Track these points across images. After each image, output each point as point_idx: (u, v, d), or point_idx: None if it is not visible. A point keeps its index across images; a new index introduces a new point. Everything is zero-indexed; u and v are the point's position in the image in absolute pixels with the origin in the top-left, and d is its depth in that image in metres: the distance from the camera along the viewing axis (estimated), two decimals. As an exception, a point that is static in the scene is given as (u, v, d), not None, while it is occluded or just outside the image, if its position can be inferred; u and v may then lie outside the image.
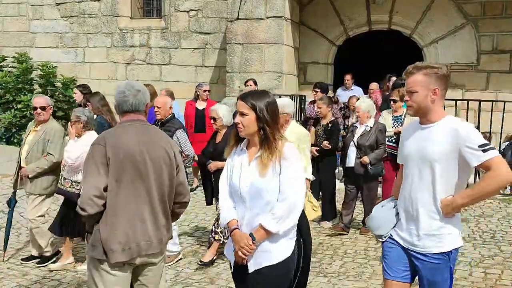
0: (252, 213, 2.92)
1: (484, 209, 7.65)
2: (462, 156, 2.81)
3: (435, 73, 2.92)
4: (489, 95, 9.83)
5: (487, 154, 2.74)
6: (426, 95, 2.91)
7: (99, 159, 3.00)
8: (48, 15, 12.73)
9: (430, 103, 2.93)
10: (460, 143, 2.80)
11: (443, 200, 2.90)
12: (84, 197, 2.97)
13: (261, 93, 2.98)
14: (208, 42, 11.56)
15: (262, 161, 2.86)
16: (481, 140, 2.78)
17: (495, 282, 5.09)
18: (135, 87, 3.23)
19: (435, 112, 2.95)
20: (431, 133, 2.94)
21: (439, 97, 2.94)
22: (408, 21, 10.53)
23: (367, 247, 6.11)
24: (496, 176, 2.73)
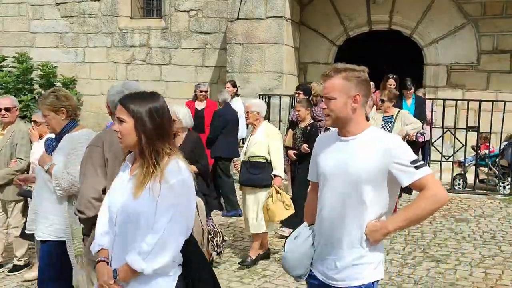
0: (121, 243, 2.40)
1: (485, 209, 7.65)
2: (392, 174, 2.43)
3: (356, 77, 2.51)
4: (490, 95, 9.83)
5: (420, 171, 2.39)
6: (346, 102, 2.48)
7: (97, 160, 2.97)
8: (48, 15, 12.72)
9: (350, 112, 2.50)
10: (389, 159, 2.41)
11: (370, 225, 2.48)
12: (83, 199, 2.95)
13: (145, 96, 2.45)
14: (208, 42, 11.55)
15: (136, 180, 2.36)
16: (412, 155, 2.44)
17: (496, 282, 5.09)
18: (133, 86, 3.21)
19: (356, 122, 2.53)
20: (354, 147, 2.51)
21: (360, 105, 2.52)
22: (408, 21, 10.53)
23: (367, 247, 6.10)
24: (432, 196, 2.38)
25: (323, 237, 2.60)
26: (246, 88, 9.84)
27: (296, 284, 5.04)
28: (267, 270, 5.41)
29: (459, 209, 7.68)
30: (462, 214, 7.42)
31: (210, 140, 7.60)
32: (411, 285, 5.03)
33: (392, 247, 6.08)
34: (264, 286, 5.03)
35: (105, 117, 8.44)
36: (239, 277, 5.21)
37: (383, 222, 2.49)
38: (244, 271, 5.38)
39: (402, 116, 7.09)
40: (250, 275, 5.28)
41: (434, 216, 7.27)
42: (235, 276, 5.24)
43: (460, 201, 8.09)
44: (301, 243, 2.68)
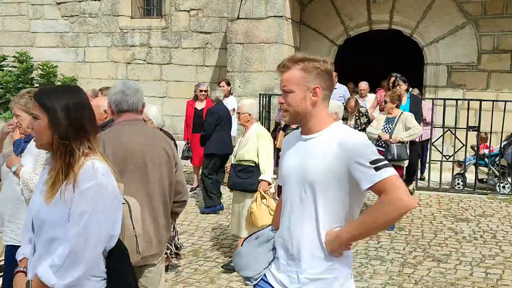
0: (38, 252, 2.20)
1: (485, 208, 7.65)
2: (352, 176, 2.16)
3: (315, 67, 2.26)
4: (490, 95, 9.82)
5: (381, 173, 2.09)
6: (305, 96, 2.25)
7: None
8: (49, 14, 12.71)
9: (310, 107, 2.26)
10: (349, 158, 2.14)
11: (328, 233, 2.23)
12: None
13: (63, 90, 2.23)
14: (209, 42, 11.55)
15: (47, 184, 2.15)
16: (373, 154, 2.14)
17: (496, 282, 5.09)
18: (133, 86, 3.22)
19: (317, 118, 2.28)
20: (313, 146, 2.26)
21: (321, 98, 2.28)
22: (408, 21, 10.52)
23: (367, 246, 6.10)
24: (394, 202, 2.06)
25: (283, 245, 2.35)
26: (246, 87, 9.84)
27: (296, 283, 5.04)
28: (268, 270, 5.40)
29: (459, 208, 7.68)
30: (462, 214, 7.42)
31: (204, 137, 7.66)
32: (411, 284, 5.03)
33: (392, 247, 6.08)
34: (264, 285, 5.02)
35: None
36: (239, 277, 5.19)
37: (339, 230, 2.22)
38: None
39: (404, 118, 6.94)
40: (251, 274, 5.28)
41: (435, 216, 7.28)
42: (235, 275, 5.23)
43: (460, 200, 8.09)
44: (259, 244, 2.48)
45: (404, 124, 6.87)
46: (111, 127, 3.24)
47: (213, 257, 5.82)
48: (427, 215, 7.36)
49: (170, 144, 3.28)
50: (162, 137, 3.28)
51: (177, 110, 11.32)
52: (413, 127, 6.82)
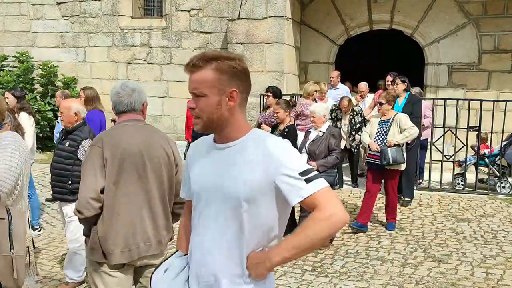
0: None
1: (486, 209, 7.64)
2: (279, 189, 1.90)
3: (231, 67, 1.96)
4: (491, 95, 9.82)
5: (312, 185, 1.86)
6: (219, 101, 1.95)
7: (97, 161, 2.97)
8: (49, 14, 12.72)
9: (226, 113, 1.97)
10: (275, 170, 1.89)
11: (251, 256, 1.95)
12: (81, 199, 2.95)
13: None
14: (209, 42, 11.55)
15: None
16: (302, 165, 1.91)
17: (497, 282, 5.09)
18: (130, 86, 3.20)
19: (235, 125, 2.00)
20: (231, 156, 1.98)
21: (238, 103, 1.99)
22: (409, 21, 10.51)
23: (368, 247, 6.10)
24: (326, 219, 1.83)
25: (197, 273, 2.05)
26: (247, 87, 9.84)
27: (297, 284, 5.04)
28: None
29: (460, 209, 7.68)
30: (463, 214, 7.41)
31: (195, 135, 7.65)
32: (412, 285, 5.03)
33: (393, 247, 6.08)
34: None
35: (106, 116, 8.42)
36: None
37: (267, 252, 1.94)
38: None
39: (398, 120, 6.62)
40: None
41: (435, 216, 7.28)
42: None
43: (461, 201, 8.08)
44: (172, 279, 2.13)
45: (399, 126, 6.58)
46: (111, 128, 3.23)
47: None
48: (427, 215, 7.36)
49: (171, 144, 3.26)
50: (162, 137, 3.26)
51: (178, 110, 11.32)
52: (408, 128, 6.53)
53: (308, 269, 5.41)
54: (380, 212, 7.43)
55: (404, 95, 7.78)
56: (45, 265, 5.67)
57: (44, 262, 5.76)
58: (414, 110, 7.56)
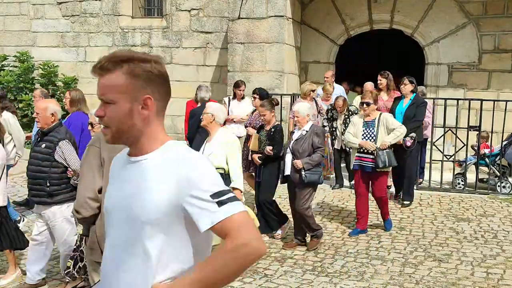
0: None
1: (486, 208, 7.65)
2: (188, 213, 1.65)
3: (145, 71, 1.72)
4: (491, 95, 9.82)
5: (225, 209, 1.60)
6: (131, 109, 1.71)
7: (94, 161, 2.97)
8: (50, 14, 12.73)
9: (139, 123, 1.73)
10: (184, 191, 1.63)
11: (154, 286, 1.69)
12: (79, 200, 2.96)
13: None
14: (210, 42, 11.55)
15: None
16: (216, 185, 1.64)
17: (497, 282, 5.09)
18: None
19: (150, 137, 1.75)
20: (142, 172, 1.73)
21: (155, 111, 1.75)
22: (409, 21, 10.52)
23: (368, 246, 6.10)
24: (239, 249, 1.57)
25: None
26: (247, 87, 9.82)
27: (297, 283, 5.05)
28: (269, 270, 5.41)
29: (460, 208, 7.68)
30: (463, 214, 7.41)
31: (189, 139, 7.63)
32: (412, 284, 5.03)
33: (393, 247, 6.08)
34: (265, 285, 5.03)
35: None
36: (240, 277, 5.21)
37: (170, 284, 1.67)
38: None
39: (385, 120, 6.42)
40: (251, 274, 5.28)
41: (436, 216, 7.28)
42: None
43: (461, 200, 8.08)
44: None
45: (386, 126, 6.40)
46: None
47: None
48: (428, 215, 7.36)
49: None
50: None
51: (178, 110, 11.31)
52: (396, 128, 6.39)
53: (309, 269, 5.41)
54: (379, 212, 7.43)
55: (409, 97, 7.61)
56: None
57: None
58: (417, 113, 7.47)
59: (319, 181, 5.95)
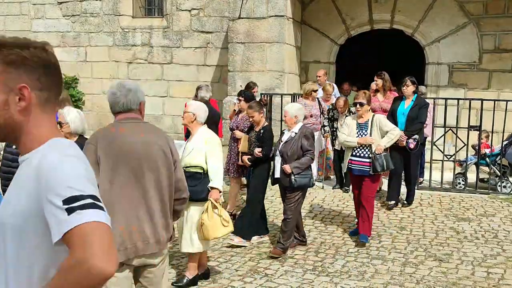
0: None
1: (486, 208, 7.65)
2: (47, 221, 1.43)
3: (21, 57, 1.54)
4: (491, 94, 9.82)
5: (73, 218, 1.37)
6: (6, 100, 1.52)
7: (90, 158, 2.94)
8: (50, 14, 12.74)
9: (18, 116, 1.53)
10: (43, 194, 1.43)
11: None
12: None
13: None
14: (210, 41, 11.56)
15: None
16: (72, 189, 1.41)
17: (498, 281, 5.09)
18: (126, 86, 3.17)
19: (32, 133, 1.56)
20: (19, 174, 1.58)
21: (37, 103, 1.55)
22: (410, 20, 10.52)
23: (369, 246, 6.10)
24: (74, 268, 1.34)
25: None
26: (247, 87, 9.85)
27: (298, 283, 5.05)
28: (269, 269, 5.41)
29: (461, 208, 7.68)
30: (464, 214, 7.41)
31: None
32: (413, 284, 5.03)
33: (394, 246, 6.08)
34: (265, 285, 5.03)
35: (107, 116, 8.44)
36: (241, 276, 5.21)
37: None
38: (246, 270, 5.39)
39: (378, 121, 6.22)
40: (252, 274, 5.29)
41: (436, 215, 7.28)
42: (236, 275, 5.25)
43: (462, 200, 8.08)
44: None
45: (379, 127, 6.21)
46: (107, 126, 3.21)
47: (214, 256, 5.83)
48: (428, 214, 7.36)
49: (168, 141, 3.23)
50: (159, 134, 3.23)
51: (179, 110, 11.31)
52: (390, 130, 6.20)
53: (309, 268, 5.42)
54: (380, 212, 7.43)
55: (411, 98, 7.40)
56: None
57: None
58: (420, 115, 7.30)
59: (309, 185, 5.82)
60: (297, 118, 5.87)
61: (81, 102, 12.55)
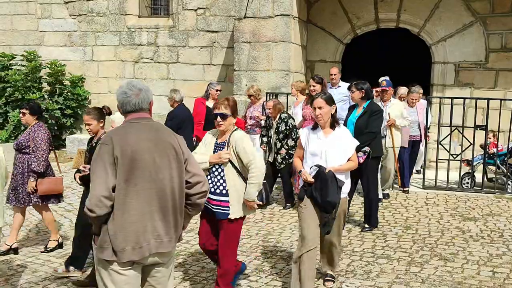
0: None
1: (492, 208, 7.63)
2: None
3: None
4: (498, 94, 9.79)
5: None
6: None
7: (107, 159, 2.96)
8: (57, 13, 12.79)
9: None
10: None
11: None
12: (93, 198, 2.93)
13: None
14: (216, 41, 11.57)
15: None
16: None
17: (503, 281, 5.08)
18: (137, 86, 3.21)
19: None
20: None
21: None
22: (416, 19, 10.49)
23: (374, 245, 6.11)
24: None
25: None
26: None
27: (303, 282, 5.06)
28: (275, 268, 5.42)
29: (466, 207, 7.67)
30: (469, 213, 7.40)
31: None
32: (418, 283, 5.03)
33: (399, 246, 6.08)
34: (271, 283, 5.05)
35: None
36: (246, 275, 5.23)
37: None
38: (251, 269, 5.40)
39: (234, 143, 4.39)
40: (258, 272, 5.30)
41: (442, 215, 7.27)
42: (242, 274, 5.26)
43: (467, 199, 8.07)
44: None
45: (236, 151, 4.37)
46: (120, 126, 3.23)
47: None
48: (434, 214, 7.35)
49: (178, 139, 3.25)
50: (169, 133, 3.26)
51: (184, 109, 11.34)
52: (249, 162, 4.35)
53: (314, 267, 5.42)
54: (386, 211, 7.43)
55: (362, 105, 6.48)
56: (53, 262, 5.72)
57: (52, 259, 5.83)
58: (370, 124, 6.31)
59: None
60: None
61: (87, 101, 12.60)
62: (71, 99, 12.28)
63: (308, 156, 4.60)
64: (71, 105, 12.26)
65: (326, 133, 4.60)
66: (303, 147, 4.66)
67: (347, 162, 4.59)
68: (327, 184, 4.39)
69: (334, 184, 4.40)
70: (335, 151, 4.52)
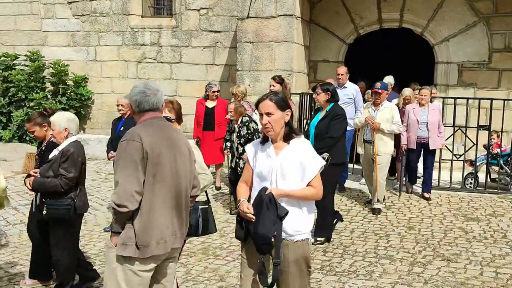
0: None
1: (495, 208, 7.62)
2: None
3: None
4: (501, 94, 9.76)
5: None
6: None
7: (137, 155, 3.02)
8: (60, 13, 12.81)
9: None
10: None
11: None
12: (124, 193, 2.97)
13: None
14: (219, 41, 11.58)
15: None
16: None
17: (506, 281, 5.08)
18: (154, 86, 3.31)
19: None
20: None
21: None
22: (419, 19, 10.47)
23: (377, 245, 6.10)
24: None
25: None
26: (256, 86, 9.86)
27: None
28: (277, 268, 5.42)
29: (469, 208, 7.65)
30: (472, 213, 7.39)
31: None
32: (421, 284, 5.03)
33: (402, 246, 6.07)
34: (273, 284, 5.04)
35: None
36: (249, 275, 5.21)
37: None
38: (254, 269, 5.39)
39: None
40: (260, 273, 5.30)
41: (445, 215, 7.27)
42: (245, 274, 5.25)
43: (470, 200, 8.05)
44: None
45: None
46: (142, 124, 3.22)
47: (222, 255, 5.85)
48: (437, 214, 7.34)
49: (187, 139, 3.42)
50: (182, 133, 3.44)
51: (187, 109, 11.35)
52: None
53: (317, 268, 5.42)
54: (389, 212, 7.43)
55: (326, 107, 6.24)
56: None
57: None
58: (330, 128, 6.02)
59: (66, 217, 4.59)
60: (67, 131, 4.70)
61: (91, 101, 12.63)
62: (74, 99, 12.29)
63: (255, 179, 3.34)
64: (74, 105, 12.28)
65: (278, 148, 3.29)
66: (251, 167, 3.40)
67: (304, 188, 3.23)
68: (261, 210, 3.08)
69: (272, 212, 3.07)
70: (289, 172, 3.22)
